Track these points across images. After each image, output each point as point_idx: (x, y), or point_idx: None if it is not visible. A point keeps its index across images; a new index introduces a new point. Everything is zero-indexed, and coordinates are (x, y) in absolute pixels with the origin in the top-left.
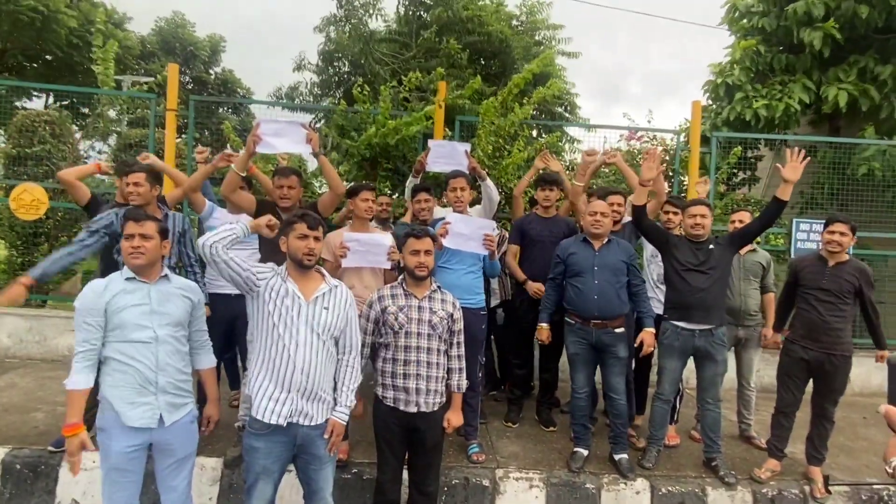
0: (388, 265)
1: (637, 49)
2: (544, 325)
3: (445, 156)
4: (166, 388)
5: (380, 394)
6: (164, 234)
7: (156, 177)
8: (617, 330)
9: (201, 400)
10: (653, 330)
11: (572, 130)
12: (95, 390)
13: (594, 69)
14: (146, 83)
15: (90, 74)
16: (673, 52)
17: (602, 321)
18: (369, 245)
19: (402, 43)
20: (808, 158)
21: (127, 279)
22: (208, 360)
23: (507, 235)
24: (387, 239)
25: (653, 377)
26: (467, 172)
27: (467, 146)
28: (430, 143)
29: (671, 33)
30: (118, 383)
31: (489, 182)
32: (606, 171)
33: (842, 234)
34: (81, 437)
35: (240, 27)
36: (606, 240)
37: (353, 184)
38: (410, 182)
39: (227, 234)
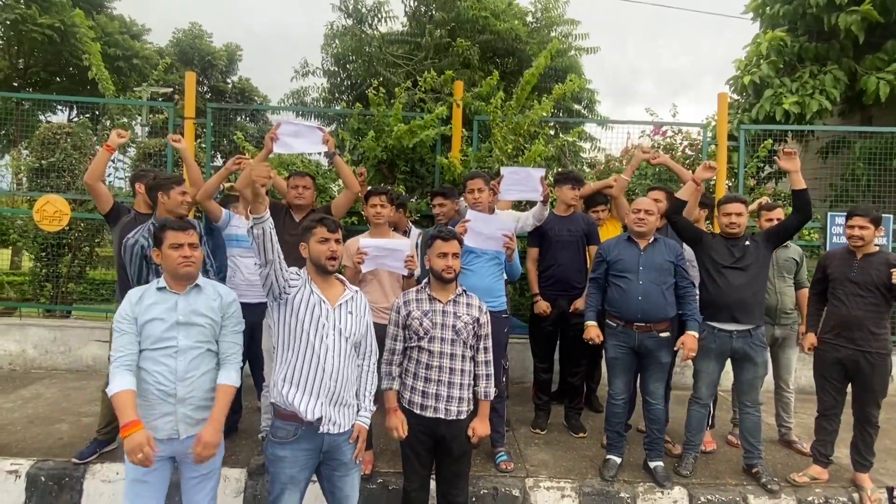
0: (405, 272)
1: (649, 46)
2: (591, 322)
3: (519, 183)
4: (186, 399)
5: (402, 394)
6: (200, 240)
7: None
8: (662, 334)
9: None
10: (696, 333)
11: (592, 127)
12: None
13: (607, 68)
14: (164, 93)
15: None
16: (686, 47)
17: (646, 324)
18: (387, 250)
19: (415, 44)
20: (795, 150)
21: (158, 289)
22: (227, 377)
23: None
24: (405, 245)
25: (688, 380)
26: (541, 199)
27: (542, 171)
28: (503, 170)
29: (683, 28)
30: (141, 393)
31: (548, 208)
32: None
33: (861, 227)
34: (139, 435)
35: (254, 38)
36: (652, 239)
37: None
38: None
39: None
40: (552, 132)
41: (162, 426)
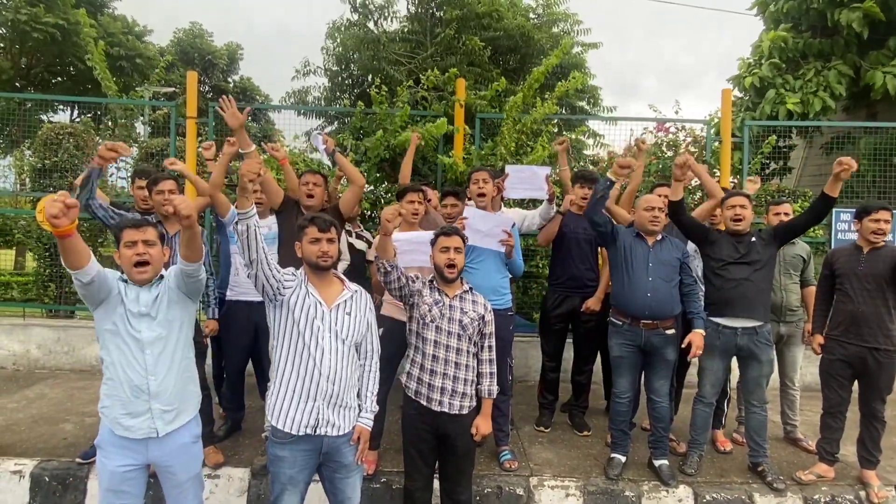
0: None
1: (651, 43)
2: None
3: (525, 181)
4: (160, 393)
5: (404, 382)
6: (162, 239)
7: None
8: (668, 331)
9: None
10: (702, 331)
11: (595, 124)
12: None
13: (608, 64)
14: (166, 93)
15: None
16: (688, 43)
17: (653, 322)
18: (416, 244)
19: (417, 42)
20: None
21: (122, 280)
22: None
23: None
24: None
25: (694, 379)
26: (547, 197)
27: (547, 170)
28: (508, 168)
29: (684, 24)
30: (112, 392)
31: (555, 207)
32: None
33: (886, 221)
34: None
35: (255, 37)
36: (660, 236)
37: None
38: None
39: (260, 229)
40: (555, 129)
41: (138, 426)
